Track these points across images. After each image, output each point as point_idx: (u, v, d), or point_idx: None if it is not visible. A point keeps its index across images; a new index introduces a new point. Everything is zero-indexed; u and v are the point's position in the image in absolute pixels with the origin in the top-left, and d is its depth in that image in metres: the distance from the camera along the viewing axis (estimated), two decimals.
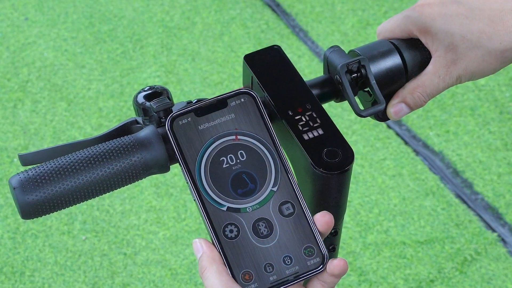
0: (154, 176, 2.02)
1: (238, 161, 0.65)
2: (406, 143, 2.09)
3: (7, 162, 2.07)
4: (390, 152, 2.07)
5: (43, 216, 1.95)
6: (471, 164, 2.04)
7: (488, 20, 0.70)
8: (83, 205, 1.97)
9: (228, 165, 0.65)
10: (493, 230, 1.90)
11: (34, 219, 1.93)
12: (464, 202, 1.95)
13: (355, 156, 2.06)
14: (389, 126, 2.14)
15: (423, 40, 0.74)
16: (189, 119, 0.65)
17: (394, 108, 0.76)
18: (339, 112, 2.17)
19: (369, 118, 2.48)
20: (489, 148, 2.07)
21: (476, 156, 2.05)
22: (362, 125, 2.13)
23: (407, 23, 0.75)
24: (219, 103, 0.66)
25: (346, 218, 1.92)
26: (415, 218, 1.92)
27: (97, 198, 1.99)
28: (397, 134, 2.12)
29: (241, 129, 0.66)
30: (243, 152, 0.65)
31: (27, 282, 1.83)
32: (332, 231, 0.74)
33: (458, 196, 1.97)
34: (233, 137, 0.65)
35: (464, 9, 0.71)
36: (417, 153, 2.07)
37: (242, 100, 0.66)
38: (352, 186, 1.99)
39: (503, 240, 1.88)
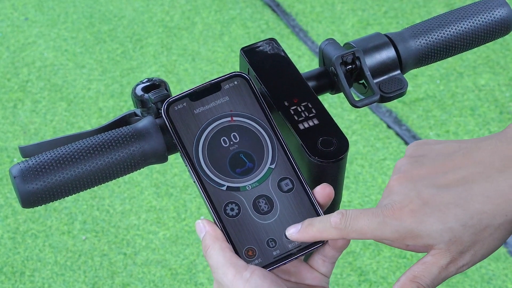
0: (154, 176, 2.02)
1: (235, 141, 0.67)
2: (406, 143, 2.09)
3: (7, 162, 2.07)
4: (390, 152, 2.07)
5: (43, 216, 1.95)
6: None
7: (484, 198, 0.59)
8: (83, 205, 1.98)
9: (225, 146, 0.66)
10: None
11: (34, 219, 1.94)
12: None
13: (355, 156, 2.06)
14: (389, 126, 2.14)
15: (411, 242, 0.61)
16: (185, 104, 0.67)
17: None
18: (339, 112, 2.17)
19: (369, 118, 2.46)
20: None
21: None
22: (362, 125, 2.13)
23: (385, 231, 0.60)
24: (213, 87, 0.68)
25: None
26: None
27: (97, 198, 1.99)
28: (397, 134, 2.12)
29: (236, 111, 0.67)
30: (239, 133, 0.67)
31: (27, 282, 1.83)
32: None
33: None
34: (229, 118, 0.67)
35: (450, 197, 0.60)
36: None
37: (236, 82, 0.68)
38: (352, 186, 1.99)
39: None
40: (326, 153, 0.67)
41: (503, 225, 0.60)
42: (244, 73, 0.68)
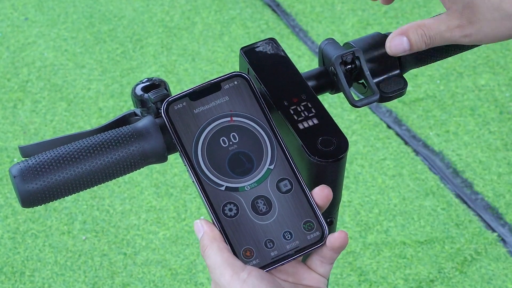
0: (154, 176, 2.02)
1: (234, 141, 0.67)
2: (406, 143, 2.09)
3: (7, 162, 2.07)
4: (390, 152, 2.07)
5: (43, 216, 1.95)
6: (471, 164, 2.04)
7: None
8: (83, 205, 1.97)
9: (224, 146, 0.66)
10: (493, 230, 1.90)
11: (34, 219, 1.94)
12: (464, 202, 1.95)
13: (355, 156, 2.06)
14: (389, 126, 2.14)
15: None
16: (184, 103, 0.67)
17: (394, 40, 0.72)
18: (339, 112, 2.17)
19: (369, 118, 2.46)
20: (489, 148, 2.07)
21: (476, 156, 2.05)
22: (362, 125, 2.13)
23: None
24: (213, 87, 0.68)
25: (346, 218, 1.92)
26: (415, 218, 1.92)
27: (97, 198, 1.99)
28: (397, 134, 2.12)
29: (235, 111, 0.67)
30: (238, 133, 0.67)
31: (27, 282, 1.83)
32: (328, 220, 0.75)
33: (458, 196, 1.97)
34: (228, 118, 0.67)
35: None
36: (417, 153, 2.07)
37: (236, 82, 0.68)
38: (352, 186, 1.99)
39: (503, 240, 1.88)
40: (325, 153, 0.67)
41: None
42: (244, 73, 0.68)
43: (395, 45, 0.72)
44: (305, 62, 2.32)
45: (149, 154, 0.68)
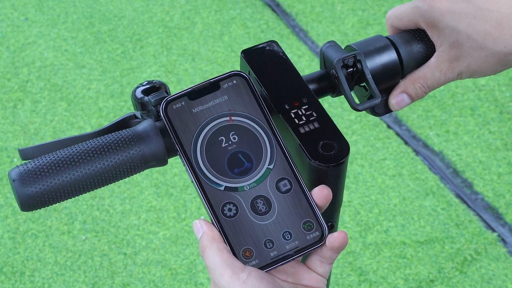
0: (154, 176, 2.02)
1: (233, 141, 0.66)
2: (406, 143, 2.09)
3: (7, 162, 2.07)
4: (390, 152, 2.07)
5: (43, 216, 1.95)
6: (471, 164, 2.04)
7: (495, 23, 0.71)
8: (83, 205, 1.97)
9: (223, 145, 0.66)
10: (493, 230, 1.90)
11: (34, 219, 1.94)
12: (464, 202, 1.95)
13: (355, 156, 2.06)
14: (389, 126, 2.14)
15: (429, 33, 0.75)
16: (183, 103, 0.67)
17: (396, 98, 0.77)
18: (339, 112, 2.17)
19: (369, 118, 2.46)
20: (489, 148, 2.07)
21: (476, 156, 2.05)
22: (362, 125, 2.13)
23: (415, 14, 0.75)
24: (212, 86, 0.67)
25: (346, 218, 1.92)
26: (415, 218, 1.92)
27: (97, 198, 1.99)
28: (397, 134, 2.12)
29: (234, 110, 0.67)
30: (237, 132, 0.66)
31: (27, 282, 1.83)
32: (329, 224, 0.75)
33: (458, 196, 1.97)
34: (227, 118, 0.67)
35: (473, 9, 0.72)
36: (417, 153, 2.07)
37: (235, 82, 0.67)
38: (352, 186, 1.99)
39: (503, 240, 1.88)
40: (326, 157, 0.67)
41: (499, 54, 0.72)
42: (243, 72, 0.68)
43: (398, 102, 0.78)
44: (305, 62, 2.32)
45: (149, 158, 0.67)
